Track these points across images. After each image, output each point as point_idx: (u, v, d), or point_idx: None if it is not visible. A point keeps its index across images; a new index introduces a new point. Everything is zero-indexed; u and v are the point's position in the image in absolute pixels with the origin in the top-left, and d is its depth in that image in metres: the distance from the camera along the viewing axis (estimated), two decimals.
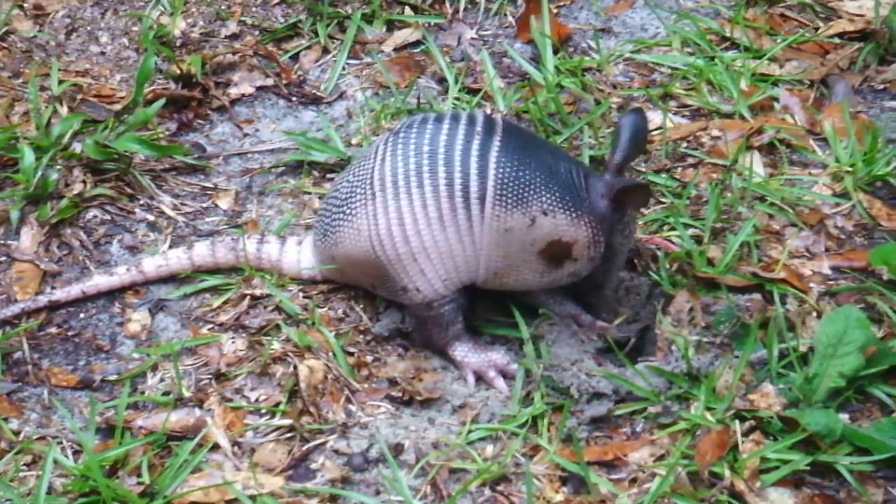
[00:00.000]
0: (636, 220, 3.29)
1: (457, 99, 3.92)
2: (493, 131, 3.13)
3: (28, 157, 3.57)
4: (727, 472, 2.95)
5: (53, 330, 3.36)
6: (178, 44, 4.08)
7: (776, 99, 3.93)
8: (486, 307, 3.34)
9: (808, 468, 2.99)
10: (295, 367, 3.20)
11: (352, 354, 3.28)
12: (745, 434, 3.02)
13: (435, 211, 3.12)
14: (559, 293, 3.34)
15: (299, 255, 3.41)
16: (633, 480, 3.00)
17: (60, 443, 3.08)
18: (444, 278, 3.18)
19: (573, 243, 3.15)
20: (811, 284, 3.40)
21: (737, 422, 3.04)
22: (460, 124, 3.14)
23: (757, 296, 3.32)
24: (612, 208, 3.17)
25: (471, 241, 3.13)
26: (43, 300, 3.38)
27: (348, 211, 3.20)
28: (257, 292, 3.39)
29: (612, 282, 3.34)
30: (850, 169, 3.68)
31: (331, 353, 3.25)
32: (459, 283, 3.21)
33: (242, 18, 4.20)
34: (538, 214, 3.11)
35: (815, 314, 3.31)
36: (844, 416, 3.09)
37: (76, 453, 3.06)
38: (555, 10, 4.22)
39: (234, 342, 3.31)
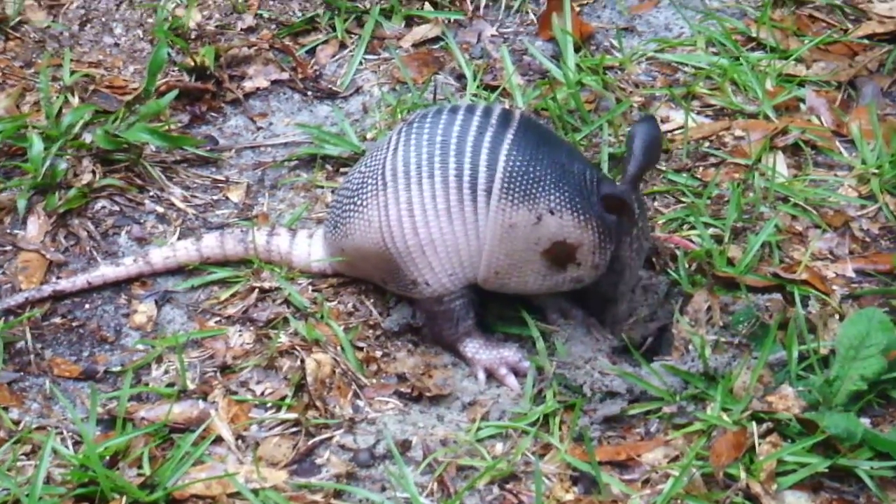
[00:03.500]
0: (647, 236, 3.21)
1: (475, 95, 3.86)
2: (507, 124, 3.08)
3: (37, 145, 3.53)
4: (743, 474, 2.89)
5: (57, 320, 3.32)
6: (192, 36, 4.04)
7: (802, 100, 3.87)
8: (499, 304, 3.27)
9: (826, 472, 2.92)
10: (302, 361, 3.16)
11: (361, 349, 3.23)
12: (763, 436, 2.96)
13: (444, 202, 3.07)
14: (567, 300, 3.28)
15: (310, 248, 3.36)
16: (646, 481, 2.95)
17: (61, 433, 3.04)
18: (450, 273, 3.13)
19: (578, 246, 3.08)
20: (834, 287, 3.35)
21: (754, 423, 2.97)
22: (475, 115, 3.09)
23: (777, 296, 3.26)
24: (618, 219, 3.11)
25: (476, 236, 3.08)
26: (47, 290, 3.34)
27: (359, 202, 3.15)
28: (266, 285, 3.34)
29: (624, 298, 3.26)
30: (876, 171, 3.61)
31: (339, 348, 3.20)
32: (465, 280, 3.15)
33: (259, 12, 4.16)
34: (545, 213, 3.05)
35: (836, 317, 3.25)
36: (865, 420, 3.01)
37: (76, 444, 3.02)
38: (577, 8, 4.16)
39: (241, 335, 3.27)
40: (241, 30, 4.10)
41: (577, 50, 4.00)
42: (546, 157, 3.07)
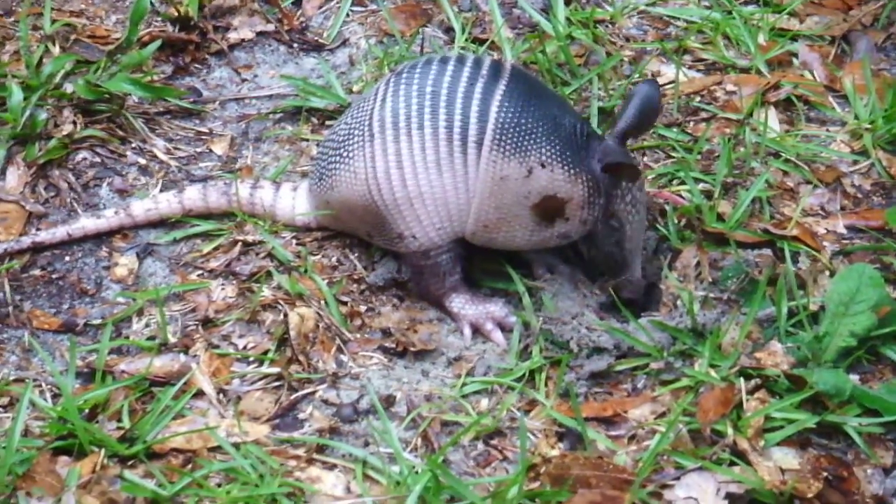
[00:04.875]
0: (642, 187, 3.15)
1: (463, 48, 3.82)
2: (499, 75, 3.04)
3: (16, 95, 3.48)
4: (730, 431, 2.86)
5: (37, 272, 3.28)
6: None
7: (795, 55, 3.83)
8: (486, 259, 3.23)
9: (814, 428, 2.90)
10: (285, 315, 3.13)
11: (345, 304, 3.20)
12: (750, 392, 2.93)
13: (433, 154, 3.02)
14: (554, 256, 3.24)
15: (294, 201, 3.32)
16: (632, 437, 2.92)
17: (39, 385, 3.01)
18: (438, 227, 3.09)
19: (568, 200, 3.04)
20: (825, 243, 3.32)
21: (742, 379, 2.95)
22: (465, 66, 3.05)
23: (767, 252, 3.24)
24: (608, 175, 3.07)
25: (465, 189, 3.03)
26: (26, 241, 3.29)
27: (345, 153, 3.11)
28: (249, 238, 3.30)
29: (634, 258, 3.17)
30: (869, 126, 3.58)
31: (323, 302, 3.17)
32: (453, 234, 3.11)
33: None
34: (535, 165, 3.00)
35: (827, 273, 3.22)
36: (854, 377, 3.00)
37: (55, 396, 2.99)
38: None
39: (223, 289, 3.23)
40: None
41: (567, 3, 3.95)
42: (537, 110, 3.03)
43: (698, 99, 3.70)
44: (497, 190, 3.02)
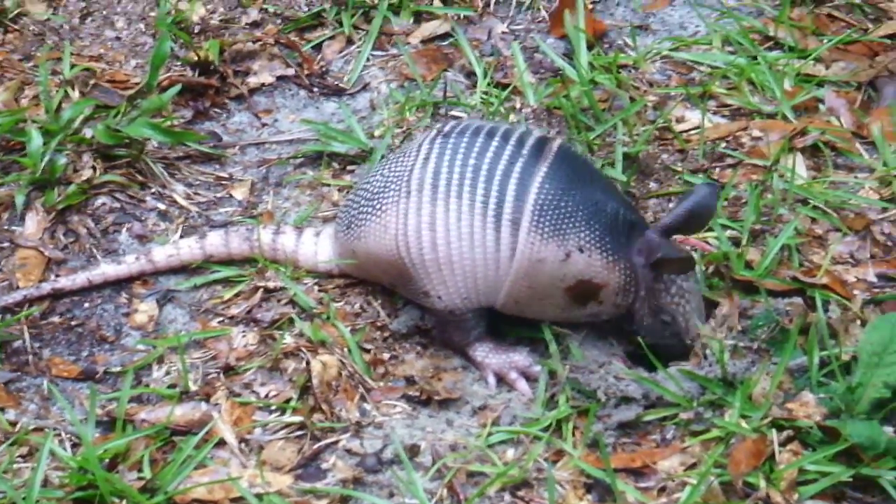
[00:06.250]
0: (690, 278, 3.13)
1: (485, 93, 3.79)
2: (541, 155, 3.03)
3: (36, 140, 3.46)
4: (762, 483, 2.81)
5: (56, 319, 3.25)
6: (196, 30, 3.96)
7: (821, 100, 3.79)
8: None
9: (849, 481, 2.85)
10: (308, 363, 3.09)
11: (368, 351, 3.16)
12: (783, 444, 2.89)
13: (468, 226, 3.01)
14: None
15: (316, 248, 3.29)
16: (662, 489, 2.87)
17: (59, 434, 2.98)
18: (465, 296, 3.07)
19: (603, 286, 3.04)
20: (855, 291, 3.27)
21: (774, 431, 2.90)
22: (509, 143, 3.04)
23: (798, 300, 3.19)
24: (649, 269, 3.06)
25: (495, 266, 3.02)
26: (46, 287, 3.27)
27: (378, 205, 3.08)
28: (271, 285, 3.27)
29: (691, 340, 3.14)
30: None
31: (346, 349, 3.13)
32: (478, 304, 3.09)
33: (264, 6, 4.07)
34: (574, 250, 2.99)
35: (858, 322, 3.17)
36: (889, 429, 2.93)
37: (75, 446, 2.96)
38: (590, 6, 4.08)
39: (244, 336, 3.20)
40: (246, 24, 4.02)
41: (589, 48, 3.92)
42: (579, 193, 3.02)
43: (724, 145, 3.66)
44: (532, 271, 3.00)
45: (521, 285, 3.03)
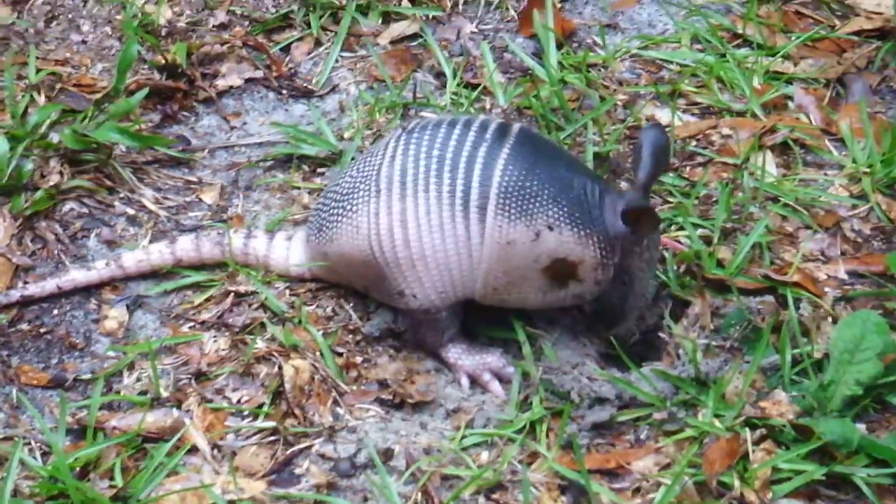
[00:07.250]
0: (658, 244, 3.14)
1: (455, 94, 3.78)
2: (503, 139, 3.01)
3: (2, 145, 3.43)
4: (736, 482, 2.82)
5: (25, 326, 3.22)
6: (163, 33, 3.93)
7: (790, 98, 3.80)
8: (483, 307, 3.16)
9: (822, 479, 2.86)
10: (280, 368, 3.08)
11: (340, 355, 3.15)
12: (756, 443, 2.89)
13: (437, 218, 2.99)
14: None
15: (288, 251, 3.27)
16: (637, 490, 2.88)
17: (29, 443, 2.96)
18: (441, 291, 3.05)
19: (579, 262, 3.01)
20: (826, 289, 3.28)
21: (747, 430, 2.91)
22: (471, 130, 3.02)
23: (769, 299, 3.20)
24: (630, 230, 3.03)
25: (468, 255, 3.00)
26: (15, 295, 3.24)
27: (349, 207, 3.07)
28: (242, 289, 3.25)
29: (632, 314, 3.16)
30: (867, 170, 3.54)
31: (318, 353, 3.12)
32: (454, 298, 3.08)
33: (231, 8, 4.04)
34: (543, 228, 2.97)
35: (830, 319, 3.18)
36: (861, 426, 2.95)
37: (45, 455, 2.93)
38: (559, 5, 4.08)
39: (216, 341, 3.18)
40: (214, 26, 4.00)
41: (559, 47, 3.90)
42: (544, 171, 3.00)
43: (694, 143, 3.66)
44: (504, 255, 2.98)
45: (496, 272, 3.01)
